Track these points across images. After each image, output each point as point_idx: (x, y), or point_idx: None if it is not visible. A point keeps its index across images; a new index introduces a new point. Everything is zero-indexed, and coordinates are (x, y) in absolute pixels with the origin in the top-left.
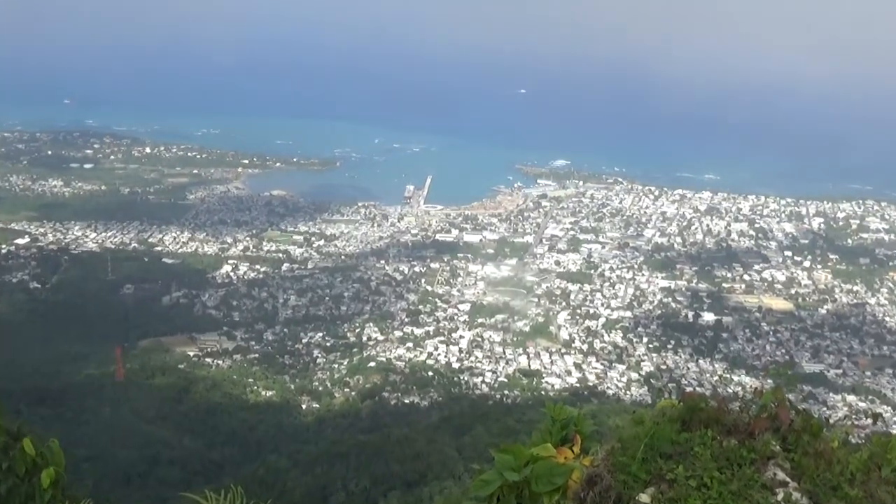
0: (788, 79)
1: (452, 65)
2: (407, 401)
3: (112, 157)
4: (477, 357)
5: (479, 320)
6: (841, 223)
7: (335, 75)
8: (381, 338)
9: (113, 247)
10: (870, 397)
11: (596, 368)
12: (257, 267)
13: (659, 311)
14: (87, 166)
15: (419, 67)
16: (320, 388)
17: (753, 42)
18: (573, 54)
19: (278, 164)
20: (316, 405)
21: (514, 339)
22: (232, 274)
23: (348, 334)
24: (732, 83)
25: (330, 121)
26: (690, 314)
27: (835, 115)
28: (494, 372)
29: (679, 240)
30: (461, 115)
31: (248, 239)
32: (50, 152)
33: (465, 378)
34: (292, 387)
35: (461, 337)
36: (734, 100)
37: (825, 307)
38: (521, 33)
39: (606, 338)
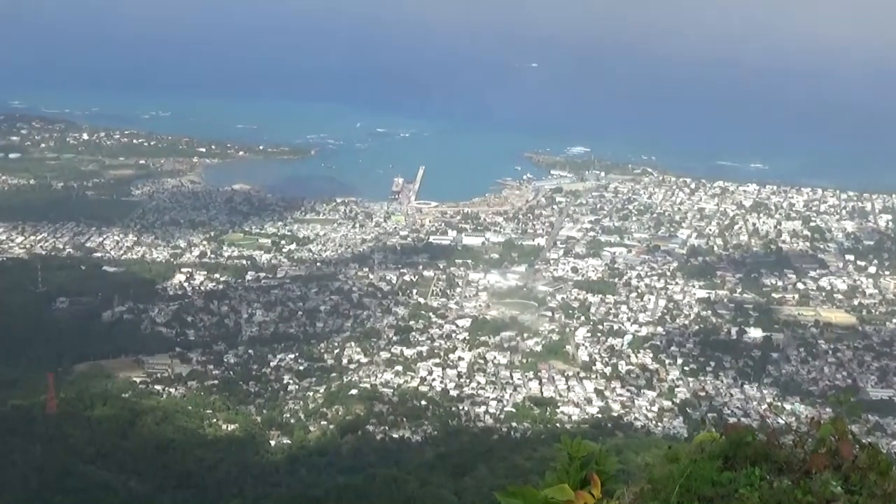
0: (848, 47)
1: (449, 34)
2: (395, 435)
3: (42, 144)
4: (479, 383)
5: (482, 339)
6: None
7: (308, 46)
8: (364, 360)
9: (44, 252)
10: None
11: (621, 396)
12: (216, 276)
13: (696, 327)
14: (11, 156)
15: (409, 38)
16: (292, 421)
17: (805, 2)
18: (592, 23)
19: (241, 153)
20: (287, 441)
21: (524, 360)
22: (186, 284)
23: (325, 356)
24: (780, 54)
25: (303, 101)
26: (734, 330)
27: None
28: (500, 400)
29: (720, 242)
30: (460, 95)
31: (205, 243)
32: None
33: (465, 408)
34: (258, 419)
35: (460, 359)
36: (784, 74)
37: (895, 321)
38: None
39: (633, 359)
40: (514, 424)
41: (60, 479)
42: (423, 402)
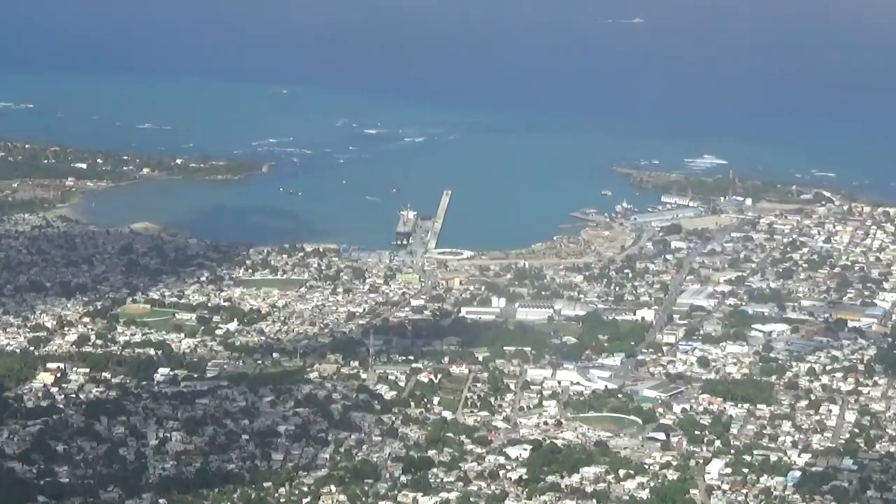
0: None
1: None
2: None
3: None
4: None
5: (550, 480)
6: None
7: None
8: None
9: None
10: None
11: None
12: (105, 375)
13: None
14: None
15: None
16: None
17: None
18: None
19: (146, 171)
20: None
21: None
22: (55, 390)
23: None
24: None
25: (245, 81)
26: None
27: None
28: None
29: None
30: (507, 71)
31: (86, 320)
32: None
33: None
34: None
35: None
36: None
37: None
38: None
39: None
40: None
41: None
42: None
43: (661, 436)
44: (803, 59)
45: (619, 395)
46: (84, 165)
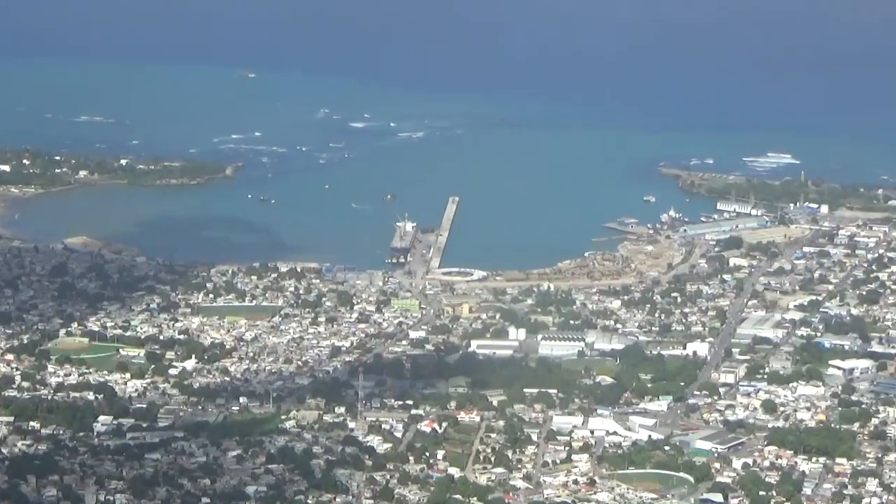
0: None
1: None
2: None
3: None
4: None
5: None
6: None
7: None
8: None
9: None
10: None
11: None
12: (34, 425)
13: None
14: None
15: None
16: None
17: None
18: None
19: (83, 174)
20: None
21: None
22: None
23: None
24: None
25: (207, 66)
26: None
27: None
28: None
29: None
30: (526, 53)
31: (9, 357)
32: None
33: None
34: None
35: None
36: None
37: None
38: None
39: None
40: None
41: None
42: None
43: (718, 497)
44: (888, 37)
45: (666, 448)
46: (7, 167)
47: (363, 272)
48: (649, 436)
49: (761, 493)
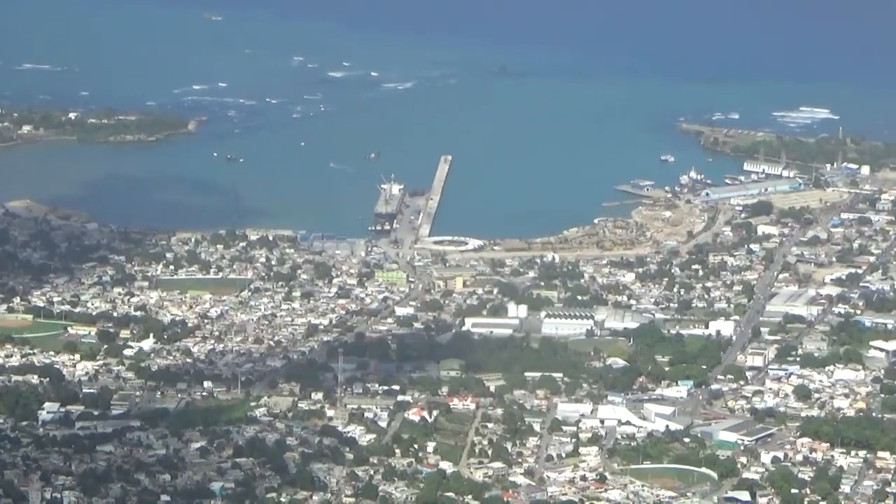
0: None
1: None
2: None
3: None
4: None
5: None
6: None
7: None
8: None
9: None
10: None
11: None
12: None
13: None
14: None
15: None
16: None
17: None
18: None
19: (26, 129)
20: None
21: None
22: None
23: None
24: None
25: (166, 6)
26: None
27: None
28: None
29: None
30: None
31: None
32: None
33: None
34: None
35: None
36: None
37: None
38: None
39: None
40: None
41: None
42: None
43: (745, 496)
44: None
45: (686, 440)
46: None
47: (343, 241)
48: (667, 426)
49: (793, 490)
